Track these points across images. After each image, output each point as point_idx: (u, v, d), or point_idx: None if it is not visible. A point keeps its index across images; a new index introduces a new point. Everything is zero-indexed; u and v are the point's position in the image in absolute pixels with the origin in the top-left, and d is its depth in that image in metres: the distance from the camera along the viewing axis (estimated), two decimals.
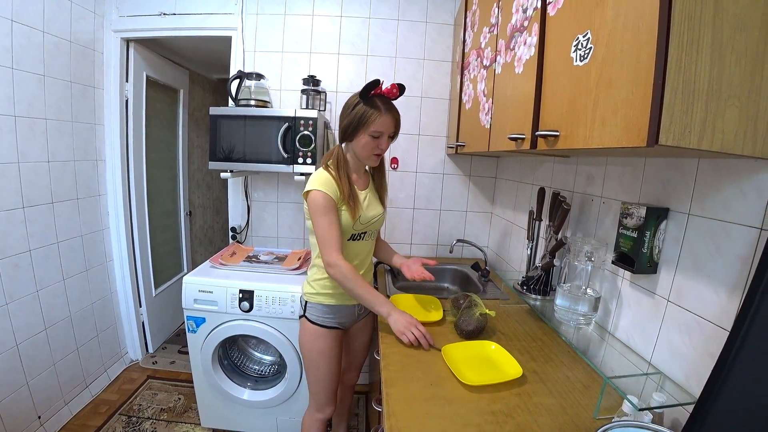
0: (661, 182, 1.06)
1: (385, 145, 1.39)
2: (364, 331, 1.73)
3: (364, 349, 1.78)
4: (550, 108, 1.03)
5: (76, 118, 2.17)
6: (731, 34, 0.67)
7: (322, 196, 1.33)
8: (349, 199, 1.37)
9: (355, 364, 1.81)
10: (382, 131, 1.34)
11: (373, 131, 1.33)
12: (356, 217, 1.40)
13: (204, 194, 3.94)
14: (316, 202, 1.34)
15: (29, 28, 1.83)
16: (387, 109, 1.34)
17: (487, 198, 2.47)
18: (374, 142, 1.35)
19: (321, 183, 1.35)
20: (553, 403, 1.02)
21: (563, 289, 1.28)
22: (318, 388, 1.55)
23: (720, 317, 0.86)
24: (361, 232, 1.47)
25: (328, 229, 1.35)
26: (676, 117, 0.66)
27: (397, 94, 1.36)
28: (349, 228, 1.41)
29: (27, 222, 1.88)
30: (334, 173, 1.38)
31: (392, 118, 1.36)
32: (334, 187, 1.35)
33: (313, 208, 1.35)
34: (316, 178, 1.37)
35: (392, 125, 1.37)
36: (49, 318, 2.03)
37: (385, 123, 1.34)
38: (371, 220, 1.49)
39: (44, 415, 1.98)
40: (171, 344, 3.00)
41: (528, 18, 1.16)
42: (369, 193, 1.51)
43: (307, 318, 1.50)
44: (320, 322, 1.49)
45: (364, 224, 1.46)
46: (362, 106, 1.33)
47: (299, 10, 2.28)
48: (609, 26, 0.78)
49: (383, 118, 1.33)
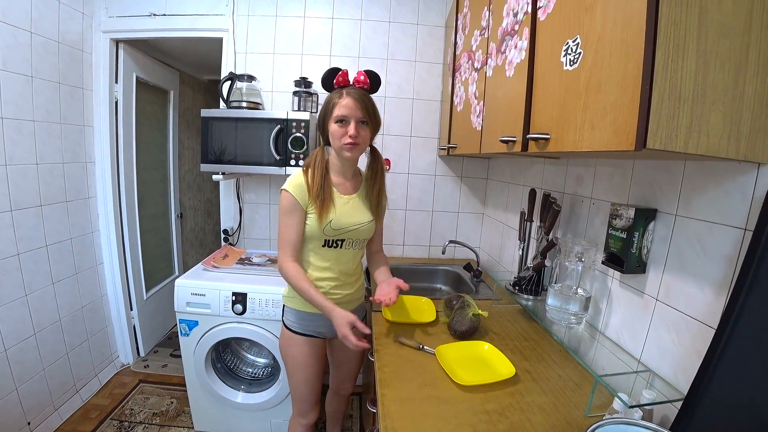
0: (649, 184, 1.08)
1: (354, 130, 1.27)
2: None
3: (357, 360, 1.70)
4: (541, 111, 1.04)
5: (65, 119, 2.15)
6: (716, 41, 0.69)
7: (286, 196, 1.33)
8: (317, 200, 1.31)
9: (348, 375, 1.73)
10: (345, 114, 1.26)
11: (337, 116, 1.27)
12: (324, 222, 1.32)
13: (195, 196, 3.91)
14: (282, 201, 1.34)
15: (16, 28, 1.80)
16: (349, 92, 1.27)
17: (479, 199, 2.49)
18: (342, 128, 1.28)
19: (290, 183, 1.33)
20: (545, 401, 1.04)
21: (554, 289, 1.30)
22: (297, 394, 1.52)
23: (706, 315, 0.89)
24: (336, 239, 1.38)
25: (283, 230, 1.35)
26: (663, 121, 0.68)
27: (365, 82, 1.31)
28: (317, 232, 1.34)
29: (15, 225, 1.85)
30: (307, 173, 1.34)
31: (356, 101, 1.26)
32: (303, 188, 1.32)
33: (280, 208, 1.35)
34: (290, 179, 1.36)
35: (358, 109, 1.27)
36: (39, 323, 2.00)
37: (348, 106, 1.26)
38: (348, 228, 1.38)
39: (34, 421, 1.96)
40: (163, 348, 2.97)
41: (518, 22, 1.18)
42: (355, 199, 1.42)
43: (284, 323, 1.48)
44: (295, 328, 1.46)
45: (337, 230, 1.36)
46: (328, 95, 1.32)
47: (291, 12, 2.27)
48: (598, 32, 0.80)
49: (344, 100, 1.26)
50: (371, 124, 1.33)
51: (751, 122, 0.73)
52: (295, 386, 1.52)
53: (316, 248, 1.39)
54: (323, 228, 1.34)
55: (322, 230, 1.34)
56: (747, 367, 0.73)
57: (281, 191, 1.34)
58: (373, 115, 1.32)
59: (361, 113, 1.28)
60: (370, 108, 1.31)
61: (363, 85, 1.32)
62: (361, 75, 1.31)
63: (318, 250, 1.39)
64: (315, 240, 1.38)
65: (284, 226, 1.34)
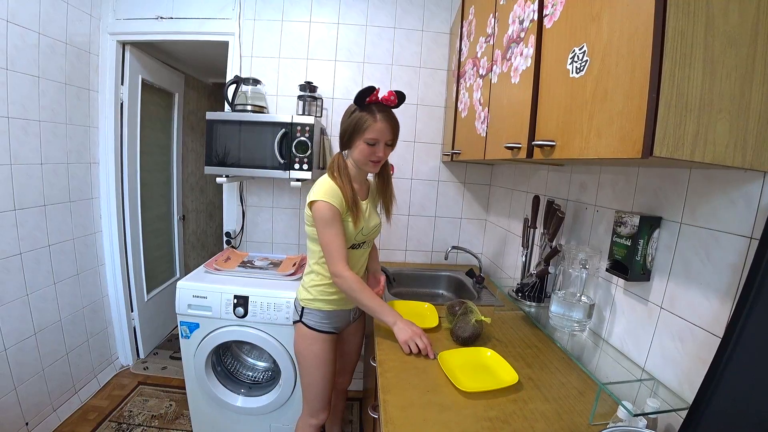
0: (654, 191, 1.08)
1: (383, 152, 1.37)
2: (357, 334, 1.73)
3: (357, 352, 1.78)
4: (547, 118, 1.05)
5: (71, 120, 2.16)
6: (722, 50, 0.69)
7: (328, 207, 1.32)
8: (353, 208, 1.37)
9: (347, 367, 1.80)
10: (377, 138, 1.33)
11: (368, 138, 1.32)
12: (359, 227, 1.40)
13: (197, 198, 3.92)
14: (323, 213, 1.32)
15: (24, 29, 1.82)
16: (383, 117, 1.32)
17: (482, 205, 2.49)
18: (370, 149, 1.34)
19: (326, 193, 1.33)
20: (548, 409, 1.03)
21: (558, 296, 1.30)
22: (313, 393, 1.54)
23: (712, 324, 0.88)
24: (362, 241, 1.48)
25: (334, 240, 1.34)
26: (670, 129, 0.68)
27: (395, 102, 1.36)
28: (351, 238, 1.41)
29: (18, 225, 1.86)
30: (338, 182, 1.36)
31: (388, 126, 1.34)
32: (339, 197, 1.34)
33: (318, 219, 1.34)
34: (322, 186, 1.36)
35: (389, 132, 1.35)
36: (39, 322, 2.00)
37: (381, 130, 1.32)
38: (372, 230, 1.50)
39: (32, 421, 1.95)
40: (162, 350, 2.97)
41: (524, 29, 1.18)
42: (369, 203, 1.51)
43: (304, 323, 1.49)
44: (319, 327, 1.49)
45: (365, 234, 1.46)
46: (358, 112, 1.33)
47: (297, 17, 2.29)
48: (604, 40, 0.80)
49: (378, 125, 1.32)
50: (393, 146, 1.42)
51: (758, 131, 0.73)
52: (311, 384, 1.53)
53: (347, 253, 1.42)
54: (357, 234, 1.41)
55: (355, 236, 1.41)
56: (753, 375, 0.72)
57: (316, 202, 1.33)
58: (397, 137, 1.40)
59: (390, 137, 1.36)
60: (397, 132, 1.39)
61: (391, 103, 1.36)
62: (392, 95, 1.35)
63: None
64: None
65: (333, 235, 1.34)
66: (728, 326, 0.76)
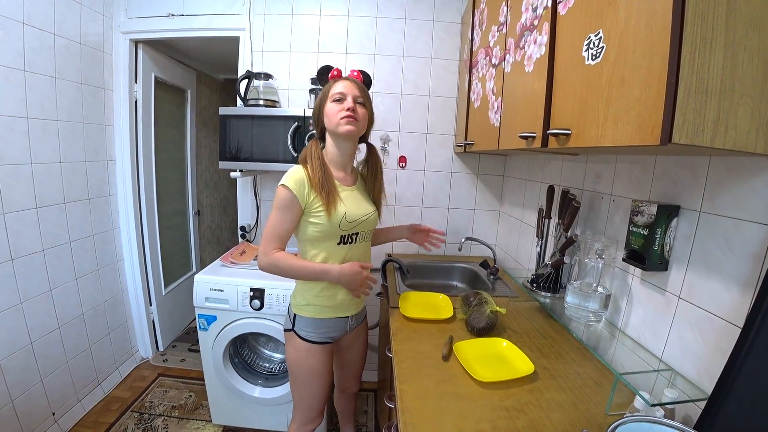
0: (672, 180, 1.07)
1: (352, 104, 1.29)
2: (357, 342, 1.62)
3: (361, 359, 1.69)
4: (562, 106, 1.03)
5: (87, 119, 2.20)
6: (744, 33, 0.67)
7: (282, 192, 1.26)
8: (322, 192, 1.27)
9: (353, 374, 1.71)
10: (342, 91, 1.30)
11: (334, 94, 1.30)
12: (335, 214, 1.29)
13: (212, 194, 3.97)
14: (277, 197, 1.28)
15: (40, 30, 1.85)
16: (345, 78, 1.34)
17: (495, 196, 2.47)
18: (338, 105, 1.29)
19: (289, 178, 1.27)
20: (564, 399, 1.03)
21: (573, 287, 1.29)
22: (307, 403, 1.48)
23: (732, 314, 0.87)
24: (351, 233, 1.36)
25: (274, 224, 1.29)
26: (689, 115, 0.67)
27: (358, 77, 1.37)
28: (334, 228, 1.31)
29: (39, 222, 1.91)
30: (306, 166, 1.30)
31: (351, 82, 1.32)
32: (301, 180, 1.27)
33: (274, 204, 1.29)
34: (288, 173, 1.29)
35: (355, 87, 1.31)
36: (62, 317, 2.06)
37: (345, 85, 1.31)
38: (360, 219, 1.37)
39: (58, 411, 2.02)
40: (181, 342, 3.03)
41: (538, 17, 1.17)
42: (356, 191, 1.41)
43: (296, 333, 1.41)
44: (312, 338, 1.40)
45: (352, 222, 1.34)
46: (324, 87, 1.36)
47: (306, 10, 2.29)
48: (621, 26, 0.79)
49: (341, 81, 1.32)
50: (368, 108, 1.36)
51: None
52: (306, 395, 1.47)
53: (332, 248, 1.35)
54: (339, 222, 1.30)
55: (338, 225, 1.31)
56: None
57: (280, 186, 1.27)
58: (368, 99, 1.36)
59: (359, 92, 1.32)
60: (365, 92, 1.35)
61: (356, 78, 1.37)
62: (355, 71, 1.36)
63: (334, 249, 1.35)
64: (331, 239, 1.34)
65: (277, 220, 1.28)
66: (749, 316, 0.75)
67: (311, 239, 1.34)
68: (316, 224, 1.30)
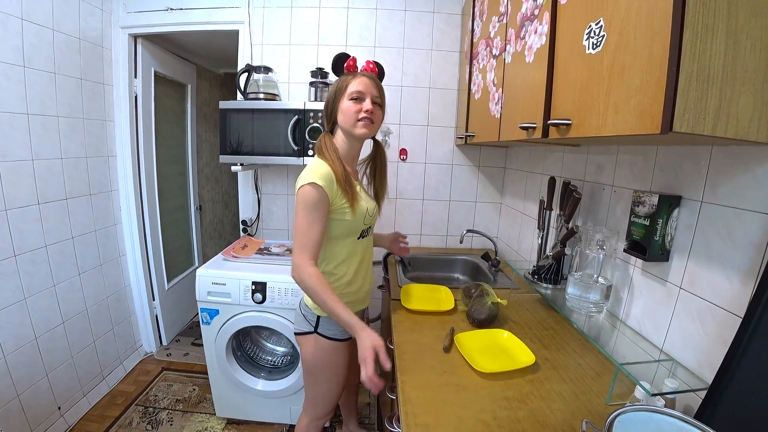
0: (674, 170, 1.06)
1: (370, 106, 1.24)
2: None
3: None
4: (562, 96, 1.03)
5: (88, 115, 2.20)
6: (746, 20, 0.66)
7: (314, 189, 1.17)
8: (347, 188, 1.24)
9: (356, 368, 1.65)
10: (361, 90, 1.24)
11: (352, 92, 1.24)
12: (359, 210, 1.28)
13: (213, 188, 3.97)
14: (307, 195, 1.18)
15: (39, 26, 1.84)
16: (365, 74, 1.27)
17: (496, 188, 2.47)
18: (356, 104, 1.24)
19: (314, 174, 1.19)
20: (565, 389, 1.03)
21: (574, 278, 1.29)
22: (325, 399, 1.47)
23: (733, 304, 0.87)
24: (368, 227, 1.38)
25: (307, 229, 1.18)
26: (691, 104, 0.66)
27: (375, 71, 1.31)
28: (359, 223, 1.30)
29: (42, 218, 1.91)
30: (329, 160, 1.24)
31: (372, 81, 1.26)
32: (330, 178, 1.21)
33: (300, 202, 1.19)
34: (313, 170, 1.21)
35: (374, 87, 1.26)
36: (66, 312, 2.07)
37: (365, 83, 1.25)
38: (371, 213, 1.38)
39: (64, 405, 2.03)
40: (184, 336, 3.05)
41: (539, 6, 1.16)
42: (360, 185, 1.40)
43: (321, 334, 1.36)
44: (339, 336, 1.37)
45: (372, 216, 1.37)
46: (339, 78, 1.29)
47: (306, 3, 2.27)
48: (622, 14, 0.78)
49: (360, 78, 1.25)
50: (382, 109, 1.32)
51: None
52: (325, 392, 1.45)
53: (353, 243, 1.32)
54: (363, 217, 1.29)
55: (362, 219, 1.29)
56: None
57: (307, 185, 1.18)
58: (384, 97, 1.32)
59: (377, 92, 1.28)
60: (382, 90, 1.31)
61: (372, 72, 1.31)
62: (371, 63, 1.31)
63: (356, 244, 1.33)
64: (354, 234, 1.31)
65: (309, 224, 1.18)
66: (750, 306, 0.75)
67: (336, 236, 1.30)
68: (342, 221, 1.27)
